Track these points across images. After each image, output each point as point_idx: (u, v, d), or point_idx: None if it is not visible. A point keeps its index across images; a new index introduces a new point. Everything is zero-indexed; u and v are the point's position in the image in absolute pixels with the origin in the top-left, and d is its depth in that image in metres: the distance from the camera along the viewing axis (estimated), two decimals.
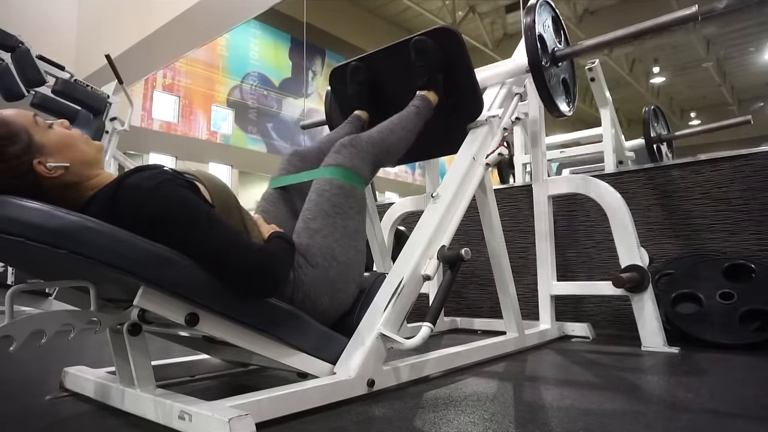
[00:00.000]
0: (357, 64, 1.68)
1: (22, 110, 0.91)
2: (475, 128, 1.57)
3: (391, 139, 1.36)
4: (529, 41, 1.61)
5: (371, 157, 1.28)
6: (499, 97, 1.71)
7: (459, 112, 1.58)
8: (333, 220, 1.15)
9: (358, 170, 1.23)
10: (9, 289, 0.81)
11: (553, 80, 1.70)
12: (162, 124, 10.72)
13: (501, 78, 1.77)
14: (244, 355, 1.12)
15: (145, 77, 6.22)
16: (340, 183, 1.19)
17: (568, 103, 1.83)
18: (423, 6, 8.38)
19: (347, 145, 1.25)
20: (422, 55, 1.52)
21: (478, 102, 1.57)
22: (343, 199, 1.18)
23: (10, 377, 1.35)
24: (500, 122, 1.59)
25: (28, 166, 0.88)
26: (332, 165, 1.22)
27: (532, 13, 1.63)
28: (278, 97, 12.25)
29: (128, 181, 0.90)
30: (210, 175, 1.06)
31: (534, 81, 1.65)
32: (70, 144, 0.93)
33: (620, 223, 1.73)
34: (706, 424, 0.86)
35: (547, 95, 1.65)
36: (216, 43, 10.71)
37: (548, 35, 1.71)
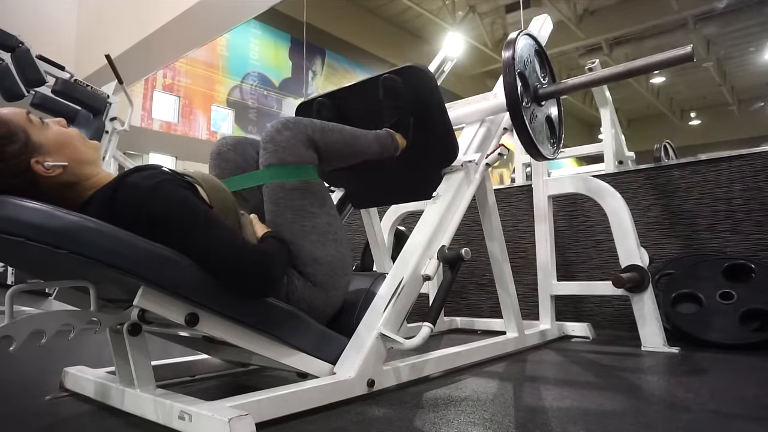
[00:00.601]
0: (322, 101, 1.56)
1: (15, 108, 0.91)
2: (450, 174, 1.46)
3: (335, 135, 1.22)
4: (506, 80, 1.43)
5: (307, 139, 1.14)
6: (478, 137, 1.60)
7: (432, 155, 1.48)
8: (300, 226, 1.10)
9: (302, 158, 1.12)
10: (9, 289, 0.81)
11: (535, 121, 1.53)
12: (162, 124, 10.72)
13: (480, 116, 1.65)
14: (244, 355, 1.12)
15: (145, 77, 6.21)
16: (292, 185, 1.10)
17: (553, 144, 1.64)
18: (423, 6, 8.38)
19: (281, 128, 1.13)
20: (391, 95, 1.42)
21: (452, 146, 1.46)
22: (301, 200, 1.11)
23: (10, 377, 1.35)
24: (477, 167, 1.49)
25: (26, 165, 0.87)
26: (274, 164, 1.10)
27: (510, 49, 1.45)
28: (278, 97, 12.25)
29: (127, 181, 0.90)
30: (208, 176, 1.06)
31: (513, 123, 1.47)
32: (68, 142, 0.93)
33: (620, 223, 1.73)
34: (707, 424, 0.86)
35: (527, 139, 1.46)
36: (216, 43, 10.71)
37: (530, 71, 1.54)
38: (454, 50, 2.08)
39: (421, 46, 8.70)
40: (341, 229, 1.17)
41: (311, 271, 1.09)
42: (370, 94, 1.47)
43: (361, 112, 1.52)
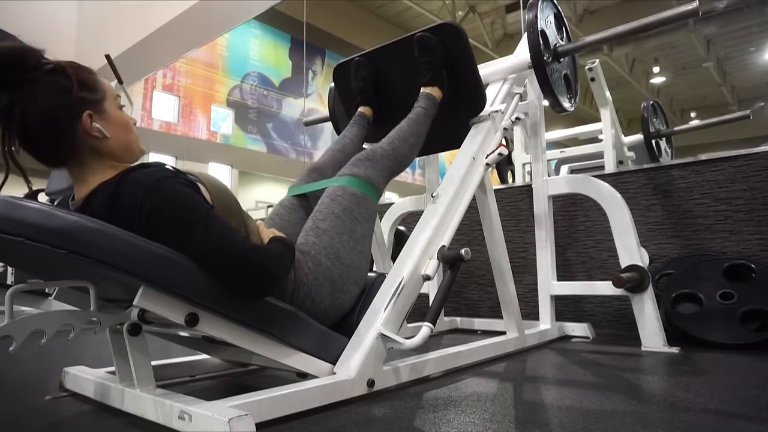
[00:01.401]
0: (361, 60, 1.68)
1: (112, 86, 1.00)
2: (478, 123, 1.58)
3: (404, 148, 1.40)
4: (531, 37, 1.62)
5: (386, 169, 1.33)
6: (502, 92, 1.72)
7: (462, 107, 1.59)
8: (342, 223, 1.18)
9: (373, 181, 1.28)
10: (9, 289, 0.81)
11: (555, 76, 1.72)
12: (162, 124, 10.72)
13: (503, 74, 1.78)
14: (244, 355, 1.12)
15: (145, 77, 6.21)
16: (353, 191, 1.23)
17: (570, 99, 1.84)
18: (423, 6, 8.38)
19: (363, 159, 1.31)
20: (426, 51, 1.53)
21: (481, 97, 1.58)
22: (354, 205, 1.21)
23: (10, 377, 1.35)
24: (503, 117, 1.61)
25: (80, 110, 0.92)
26: (348, 174, 1.27)
27: (534, 9, 1.64)
28: (278, 97, 12.25)
29: (130, 177, 0.91)
30: (212, 178, 1.06)
31: (536, 76, 1.66)
32: (125, 128, 0.99)
33: (620, 224, 1.73)
34: (707, 424, 0.86)
35: (549, 90, 1.67)
36: (216, 43, 10.72)
37: (550, 31, 1.72)
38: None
39: None
40: (369, 249, 1.25)
41: (329, 265, 1.11)
42: (404, 52, 1.59)
43: (397, 68, 1.65)
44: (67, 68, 0.93)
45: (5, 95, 0.87)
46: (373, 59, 1.69)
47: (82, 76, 0.94)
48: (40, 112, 0.89)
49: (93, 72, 0.98)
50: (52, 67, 0.91)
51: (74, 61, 0.96)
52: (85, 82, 0.94)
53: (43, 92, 0.89)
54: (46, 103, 0.89)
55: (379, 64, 1.69)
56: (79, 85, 0.92)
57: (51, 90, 0.90)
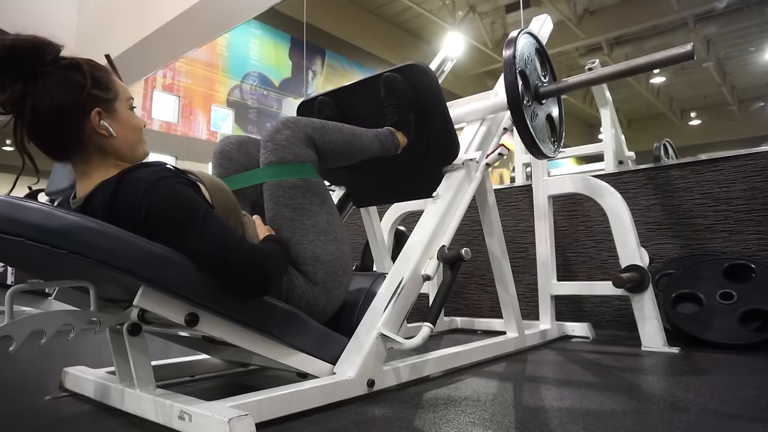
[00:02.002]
0: (324, 99, 1.57)
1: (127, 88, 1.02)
2: (451, 172, 1.47)
3: (336, 134, 1.24)
4: (507, 78, 1.44)
5: (309, 140, 1.16)
6: (479, 136, 1.61)
7: (433, 154, 1.48)
8: (300, 224, 1.11)
9: (301, 157, 1.14)
10: (9, 289, 0.81)
11: (535, 119, 1.53)
12: (162, 124, 10.72)
13: (480, 114, 1.66)
14: (244, 355, 1.12)
15: (145, 77, 6.21)
16: (290, 183, 1.12)
17: (553, 143, 1.65)
18: (423, 6, 8.38)
19: (281, 127, 1.15)
20: (392, 93, 1.43)
21: (452, 144, 1.47)
22: (300, 198, 1.12)
23: (9, 377, 1.35)
24: (478, 166, 1.50)
25: (89, 107, 0.93)
26: (274, 162, 1.13)
27: (511, 47, 1.46)
28: (278, 97, 12.25)
29: (130, 176, 0.91)
30: (211, 177, 1.06)
31: (513, 121, 1.48)
32: (134, 128, 1.00)
33: (620, 223, 1.73)
34: (707, 424, 0.86)
35: (527, 137, 1.47)
36: (216, 43, 10.72)
37: (531, 70, 1.54)
38: (454, 50, 2.08)
39: (421, 46, 8.70)
40: (341, 228, 1.18)
41: (312, 270, 1.10)
42: (371, 92, 1.48)
43: (362, 110, 1.52)
44: (84, 65, 0.94)
45: (19, 86, 0.88)
46: (338, 98, 1.57)
47: (96, 75, 0.95)
48: (51, 106, 0.89)
49: (109, 71, 0.99)
50: (69, 63, 0.92)
51: (91, 59, 0.97)
52: (98, 81, 0.95)
53: (57, 86, 0.90)
54: (57, 98, 0.90)
55: (343, 104, 1.57)
56: (92, 82, 0.93)
57: (64, 85, 0.91)
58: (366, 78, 1.51)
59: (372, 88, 1.48)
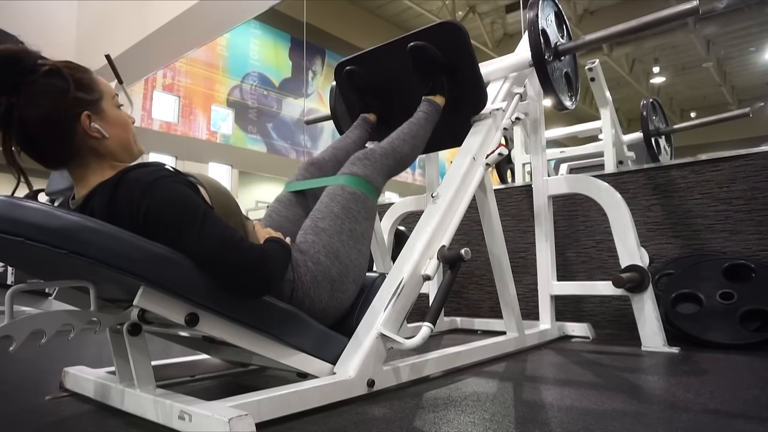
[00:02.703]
0: (352, 70, 1.68)
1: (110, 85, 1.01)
2: (479, 121, 1.58)
3: (404, 149, 1.39)
4: (532, 35, 1.62)
5: (385, 168, 1.33)
6: (503, 90, 1.72)
7: (463, 105, 1.59)
8: (341, 222, 1.18)
9: (371, 180, 1.27)
10: (9, 289, 0.81)
11: (556, 74, 1.72)
12: (162, 124, 10.72)
13: (504, 72, 1.78)
14: (244, 355, 1.12)
15: (145, 77, 6.21)
16: (352, 190, 1.23)
17: (571, 97, 1.85)
18: (423, 6, 8.39)
19: (362, 158, 1.30)
20: (420, 62, 1.52)
21: (482, 96, 1.58)
22: (353, 204, 1.21)
23: (9, 377, 1.35)
24: (503, 115, 1.61)
25: (78, 112, 0.92)
26: (347, 173, 1.27)
27: (535, 8, 1.65)
28: (278, 97, 12.25)
29: (129, 176, 0.91)
30: (210, 179, 1.06)
31: (537, 74, 1.67)
32: (125, 127, 1.00)
33: (620, 223, 1.73)
34: (707, 424, 0.86)
35: (551, 89, 1.67)
36: (216, 43, 10.72)
37: (551, 30, 1.73)
38: None
39: None
40: (368, 248, 1.25)
41: (329, 264, 1.11)
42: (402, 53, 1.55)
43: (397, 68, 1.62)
44: (63, 69, 0.92)
45: (3, 99, 0.87)
46: (370, 62, 1.68)
47: (77, 76, 0.93)
48: (38, 116, 0.89)
49: (89, 71, 0.97)
50: (48, 69, 0.91)
51: (70, 61, 0.95)
52: (81, 82, 0.93)
53: (40, 95, 0.89)
54: (43, 106, 0.89)
55: (377, 66, 1.67)
56: (75, 85, 0.92)
57: (48, 92, 0.89)
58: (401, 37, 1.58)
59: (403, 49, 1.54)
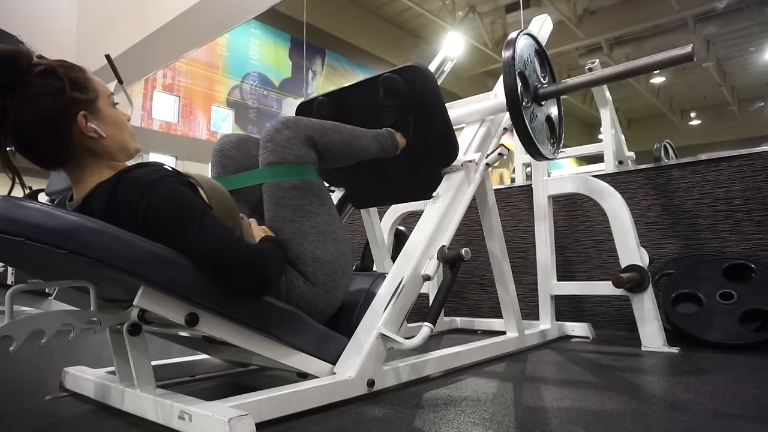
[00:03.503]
0: (323, 100, 1.58)
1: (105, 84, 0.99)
2: (450, 173, 1.47)
3: (335, 136, 1.23)
4: (507, 79, 1.43)
5: (309, 140, 1.16)
6: (478, 137, 1.60)
7: (432, 155, 1.48)
8: (300, 225, 1.10)
9: (302, 158, 1.13)
10: (9, 289, 0.81)
11: (535, 121, 1.53)
12: (162, 124, 10.72)
13: (480, 116, 1.65)
14: (244, 355, 1.12)
15: (145, 77, 6.21)
16: (290, 184, 1.11)
17: (553, 144, 1.65)
18: (423, 6, 8.38)
19: (280, 128, 1.14)
20: (391, 94, 1.43)
21: (452, 145, 1.46)
22: (301, 200, 1.11)
23: (9, 377, 1.35)
24: (477, 167, 1.49)
25: (74, 113, 0.91)
26: (274, 163, 1.12)
27: (511, 48, 1.46)
28: (278, 97, 12.25)
29: (127, 176, 0.91)
30: (208, 179, 1.06)
31: (512, 123, 1.47)
32: (121, 126, 0.99)
33: (620, 223, 1.73)
34: (707, 424, 0.86)
35: (527, 138, 1.47)
36: (216, 43, 10.71)
37: (530, 71, 1.54)
38: (454, 50, 2.08)
39: (421, 46, 8.70)
40: (341, 229, 1.17)
41: (311, 271, 1.10)
42: (370, 93, 1.48)
43: (361, 111, 1.52)
44: (58, 68, 0.91)
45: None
46: (337, 99, 1.57)
47: (73, 76, 0.92)
48: (34, 116, 0.88)
49: (84, 70, 0.96)
50: (43, 69, 0.90)
51: (64, 60, 0.95)
52: (76, 82, 0.93)
53: (36, 96, 0.88)
54: (39, 107, 0.88)
55: (342, 104, 1.57)
56: (71, 85, 0.91)
57: (43, 93, 0.89)
58: (365, 79, 1.51)
59: (371, 88, 1.48)
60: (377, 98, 1.46)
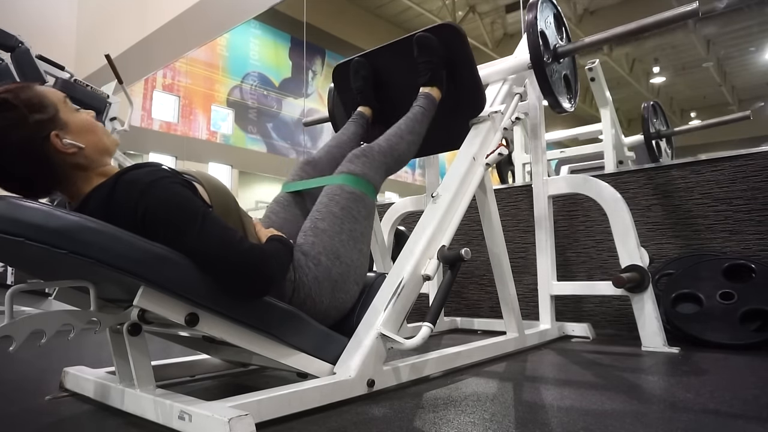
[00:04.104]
0: (360, 60, 1.68)
1: (55, 90, 0.96)
2: (478, 124, 1.58)
3: (401, 146, 1.39)
4: (530, 37, 1.61)
5: (383, 166, 1.32)
6: (501, 93, 1.72)
7: (461, 108, 1.59)
8: (341, 222, 1.17)
9: (370, 179, 1.27)
10: (9, 289, 0.81)
11: (554, 76, 1.72)
12: (162, 124, 10.71)
13: (503, 74, 1.78)
14: (244, 355, 1.12)
15: (145, 77, 6.21)
16: (351, 189, 1.22)
17: (570, 99, 1.84)
18: (423, 6, 8.38)
19: (359, 155, 1.29)
20: (425, 51, 1.53)
21: (480, 98, 1.58)
22: (352, 204, 1.21)
23: (9, 377, 1.35)
24: (502, 118, 1.60)
25: (46, 135, 0.89)
26: (345, 172, 1.26)
27: (534, 10, 1.64)
28: (278, 97, 12.24)
29: (125, 178, 0.90)
30: (209, 177, 1.06)
31: (536, 77, 1.66)
32: (92, 129, 0.97)
33: (620, 223, 1.73)
34: (707, 424, 0.86)
35: (549, 91, 1.67)
36: (216, 43, 10.71)
37: (550, 32, 1.73)
38: None
39: None
40: (368, 248, 1.24)
41: (330, 264, 1.11)
42: (404, 52, 1.58)
43: (396, 69, 1.64)
44: (8, 97, 0.87)
45: None
46: (373, 59, 1.68)
47: (25, 98, 0.88)
48: (9, 155, 0.86)
49: (31, 86, 0.92)
50: None
51: (7, 85, 0.90)
52: (31, 103, 0.88)
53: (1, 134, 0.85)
54: (10, 145, 0.86)
55: (378, 65, 1.68)
56: (28, 109, 0.87)
57: (7, 127, 0.86)
58: (399, 39, 1.60)
59: (405, 48, 1.57)
60: (411, 57, 1.55)
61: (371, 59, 1.68)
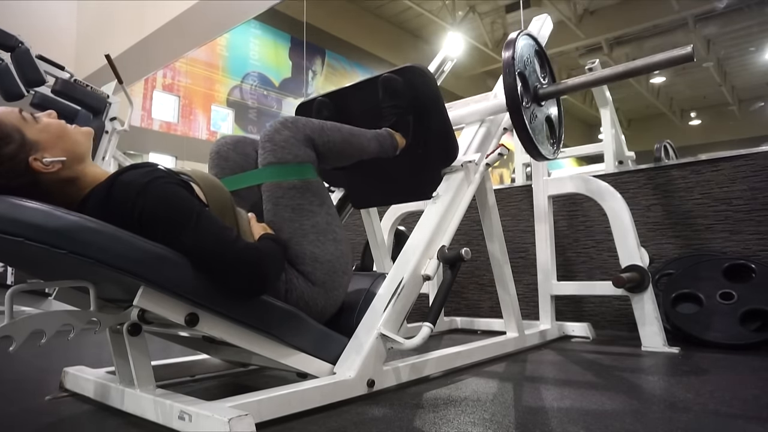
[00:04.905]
0: (323, 100, 1.57)
1: (6, 108, 0.89)
2: (450, 174, 1.46)
3: (333, 134, 1.22)
4: (507, 80, 1.42)
5: (305, 138, 1.15)
6: (478, 137, 1.60)
7: (431, 156, 1.48)
8: (299, 224, 1.10)
9: (301, 158, 1.12)
10: (9, 289, 0.81)
11: (535, 121, 1.53)
12: (162, 124, 10.71)
13: (480, 116, 1.65)
14: (244, 355, 1.12)
15: (145, 77, 6.21)
16: (290, 184, 1.11)
17: (552, 145, 1.64)
18: (423, 6, 8.38)
19: (279, 128, 1.13)
20: (390, 95, 1.42)
21: (451, 146, 1.46)
22: (300, 199, 1.11)
23: (9, 377, 1.35)
24: (477, 168, 1.49)
25: (24, 164, 0.88)
26: (273, 163, 1.11)
27: (510, 49, 1.44)
28: (278, 97, 12.24)
29: (121, 179, 0.90)
30: (205, 175, 1.06)
31: (513, 123, 1.47)
32: (62, 134, 0.93)
33: (620, 223, 1.73)
34: (707, 425, 0.86)
35: (526, 138, 1.46)
36: (216, 43, 10.70)
37: (530, 71, 1.53)
38: (454, 50, 2.08)
39: (421, 46, 8.70)
40: (340, 228, 1.17)
41: (311, 270, 1.09)
42: (369, 93, 1.48)
43: (361, 111, 1.52)
44: None
45: None
46: (337, 99, 1.57)
47: None
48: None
49: None
50: None
51: None
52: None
53: None
54: None
55: (342, 105, 1.56)
56: None
57: None
58: (364, 80, 1.50)
59: (370, 89, 1.48)
60: (377, 98, 1.46)
61: (335, 99, 1.57)
